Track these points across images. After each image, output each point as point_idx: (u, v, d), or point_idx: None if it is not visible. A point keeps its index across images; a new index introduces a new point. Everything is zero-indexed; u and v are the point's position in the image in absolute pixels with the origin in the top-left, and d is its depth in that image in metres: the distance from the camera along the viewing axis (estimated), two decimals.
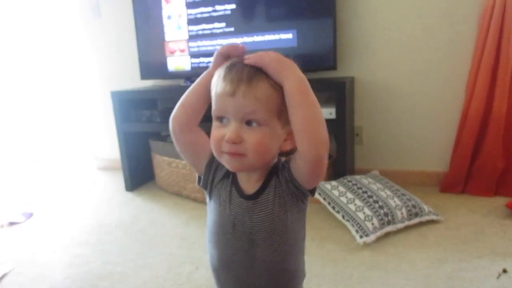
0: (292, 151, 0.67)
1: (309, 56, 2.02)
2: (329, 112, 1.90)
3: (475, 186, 2.00)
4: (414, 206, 1.71)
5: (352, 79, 2.15)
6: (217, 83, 0.64)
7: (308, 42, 2.00)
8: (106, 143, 2.88)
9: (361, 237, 1.58)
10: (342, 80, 1.92)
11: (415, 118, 2.13)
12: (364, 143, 2.26)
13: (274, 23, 2.04)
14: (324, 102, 2.03)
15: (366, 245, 1.57)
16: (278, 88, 0.61)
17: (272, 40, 2.05)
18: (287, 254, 0.71)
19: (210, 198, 0.75)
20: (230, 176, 0.71)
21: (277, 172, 0.68)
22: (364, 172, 2.10)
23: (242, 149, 0.61)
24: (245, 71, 0.61)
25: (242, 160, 0.63)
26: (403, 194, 1.78)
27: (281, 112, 0.62)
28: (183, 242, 1.74)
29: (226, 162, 0.65)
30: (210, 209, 0.76)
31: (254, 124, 0.61)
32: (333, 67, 2.00)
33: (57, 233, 1.93)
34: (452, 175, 2.04)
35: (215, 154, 0.67)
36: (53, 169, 3.13)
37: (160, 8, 2.24)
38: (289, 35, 2.01)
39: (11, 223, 2.07)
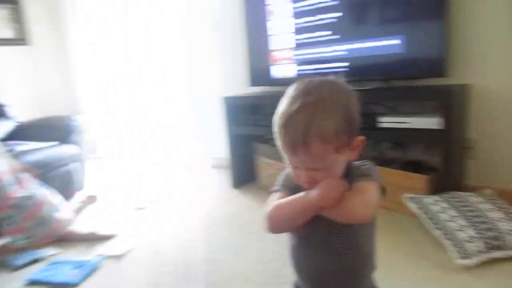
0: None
1: (417, 62, 1.93)
2: (435, 123, 1.79)
3: None
4: None
5: (466, 87, 1.98)
6: (278, 137, 0.72)
7: (417, 48, 1.91)
8: (219, 144, 3.17)
9: (462, 258, 1.47)
10: (450, 88, 1.79)
11: None
12: (479, 158, 2.05)
13: (380, 29, 2.01)
14: (430, 111, 1.92)
15: (465, 268, 1.45)
16: (330, 138, 0.68)
17: (378, 46, 2.02)
18: (362, 240, 0.80)
19: None
20: None
21: (350, 174, 0.77)
22: (477, 189, 1.92)
23: (316, 185, 0.72)
24: (299, 130, 0.67)
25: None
26: None
27: (339, 148, 0.70)
28: (277, 239, 1.84)
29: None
30: None
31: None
32: (444, 74, 1.88)
33: (174, 220, 2.22)
34: None
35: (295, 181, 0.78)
36: (176, 166, 3.56)
37: (266, 19, 2.39)
38: (397, 41, 1.96)
39: (138, 209, 2.46)
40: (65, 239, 2.01)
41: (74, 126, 2.78)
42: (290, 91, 0.73)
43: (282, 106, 0.72)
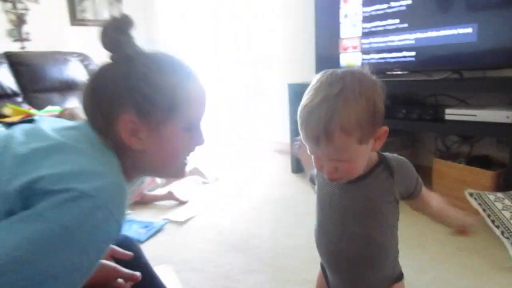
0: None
1: (490, 52, 1.81)
2: (506, 116, 1.69)
3: None
4: None
5: None
6: (300, 129, 0.74)
7: (490, 37, 1.79)
8: (281, 129, 3.26)
9: None
10: None
11: None
12: None
13: (451, 17, 1.91)
14: (498, 104, 1.80)
15: None
16: (353, 130, 0.67)
17: (448, 35, 1.93)
18: (377, 229, 0.79)
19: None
20: None
21: (388, 167, 0.78)
22: None
23: (338, 175, 0.74)
24: (321, 122, 0.67)
25: (339, 181, 0.77)
26: None
27: (362, 139, 0.69)
28: None
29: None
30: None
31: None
32: None
33: (235, 197, 2.37)
34: None
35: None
36: (242, 148, 3.74)
37: (338, 7, 2.40)
38: (469, 30, 1.85)
39: (204, 182, 2.66)
40: (147, 200, 2.31)
41: None
42: (313, 82, 0.73)
43: (305, 98, 0.72)
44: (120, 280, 0.80)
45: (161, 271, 1.54)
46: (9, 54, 3.03)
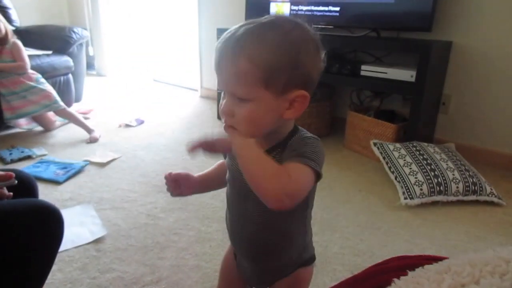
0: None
1: (405, 15, 1.96)
2: (410, 75, 1.87)
3: None
4: (474, 184, 1.67)
5: (449, 44, 2.03)
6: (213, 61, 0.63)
7: (406, 0, 1.93)
8: (209, 75, 3.25)
9: (405, 198, 1.64)
10: (429, 43, 1.85)
11: (511, 96, 1.95)
12: (450, 114, 2.16)
13: None
14: (408, 64, 1.99)
15: (408, 207, 1.62)
16: (260, 64, 0.58)
17: None
18: (278, 216, 0.68)
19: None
20: None
21: (284, 147, 0.66)
22: (443, 142, 2.05)
23: (234, 123, 0.62)
24: (229, 46, 0.59)
25: (234, 133, 0.62)
26: (466, 170, 1.73)
27: (269, 82, 0.59)
28: None
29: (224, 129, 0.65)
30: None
31: (244, 100, 0.60)
32: (428, 29, 1.92)
33: (156, 139, 2.37)
34: None
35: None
36: (167, 90, 3.66)
37: None
38: None
39: (127, 125, 2.60)
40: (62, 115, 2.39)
41: (73, 37, 2.83)
42: None
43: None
44: None
45: (80, 210, 1.55)
46: None
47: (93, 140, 2.28)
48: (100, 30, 4.06)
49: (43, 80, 2.37)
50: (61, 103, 2.36)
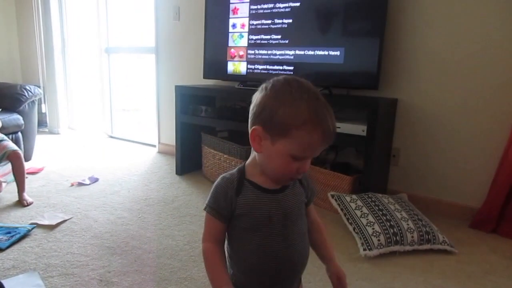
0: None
1: (354, 74, 2.12)
2: (362, 129, 1.98)
3: (507, 228, 1.92)
4: (427, 233, 1.73)
5: (394, 101, 2.20)
6: (309, 131, 0.70)
7: (354, 61, 2.10)
8: (168, 131, 3.25)
9: (364, 249, 1.66)
10: (377, 100, 1.99)
11: (456, 148, 2.11)
12: (400, 165, 2.28)
13: (324, 40, 2.18)
14: (360, 119, 2.11)
15: (367, 258, 1.64)
16: None
17: (321, 55, 2.19)
18: (305, 226, 0.87)
19: (238, 220, 0.81)
20: (249, 187, 0.80)
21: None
22: (396, 193, 2.14)
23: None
24: (334, 121, 0.73)
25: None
26: (419, 219, 1.80)
27: None
28: None
29: (286, 182, 0.81)
30: (240, 230, 0.82)
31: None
32: (376, 87, 2.08)
33: (111, 198, 2.28)
34: (484, 212, 1.98)
35: (280, 178, 0.79)
36: (123, 146, 3.59)
37: (228, 17, 2.51)
38: (337, 52, 2.14)
39: (80, 184, 2.49)
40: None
41: (25, 95, 2.76)
42: (293, 88, 0.73)
43: (302, 101, 0.71)
44: None
45: (24, 279, 1.42)
46: None
47: (24, 204, 2.14)
48: (55, 87, 4.00)
49: (3, 136, 2.27)
50: (14, 146, 2.23)
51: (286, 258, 0.82)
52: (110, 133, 3.95)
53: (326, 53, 2.17)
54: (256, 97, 0.78)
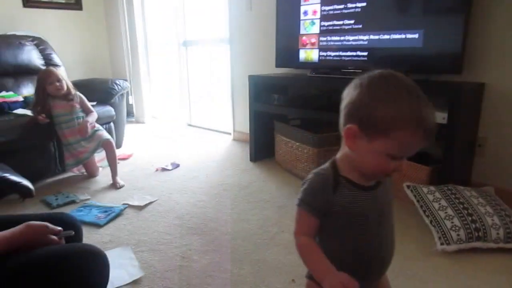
0: None
1: (434, 58, 2.00)
2: (442, 117, 1.87)
3: None
4: None
5: (481, 86, 2.03)
6: (417, 132, 0.69)
7: (434, 43, 1.97)
8: (242, 119, 3.36)
9: (441, 244, 1.59)
10: (459, 86, 1.86)
11: None
12: (487, 156, 2.11)
13: (400, 22, 2.07)
14: (440, 106, 1.99)
15: (444, 253, 1.57)
16: None
17: (397, 39, 2.09)
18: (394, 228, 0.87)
19: (332, 218, 0.80)
20: (345, 185, 0.79)
21: None
22: (480, 186, 1.99)
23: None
24: (433, 118, 0.71)
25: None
26: (507, 215, 1.67)
27: None
28: (279, 210, 2.03)
29: (381, 179, 0.81)
30: (334, 227, 0.81)
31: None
32: (459, 71, 1.94)
33: (191, 183, 2.45)
34: None
35: (375, 175, 0.78)
36: (201, 134, 3.80)
37: (299, 5, 2.50)
38: (415, 35, 2.02)
39: (163, 169, 2.71)
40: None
41: (115, 89, 3.05)
42: (391, 85, 0.71)
43: (403, 100, 0.69)
44: (52, 236, 0.86)
45: (119, 252, 1.61)
46: None
47: (116, 186, 2.39)
48: (140, 80, 4.34)
49: (99, 126, 2.57)
50: (107, 135, 2.52)
51: (378, 255, 0.83)
52: (189, 122, 4.20)
53: (403, 36, 2.07)
54: (350, 94, 0.75)
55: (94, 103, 2.77)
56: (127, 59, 4.36)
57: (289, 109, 2.55)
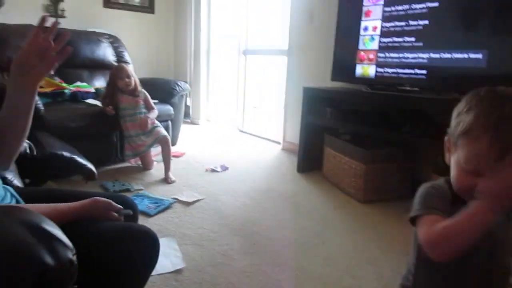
0: None
1: (498, 80, 1.91)
2: None
3: None
4: None
5: None
6: (490, 138, 0.63)
7: (499, 64, 1.89)
8: (292, 129, 3.40)
9: None
10: None
11: None
12: None
13: (464, 42, 2.01)
14: None
15: None
16: None
17: (459, 58, 2.02)
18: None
19: None
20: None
21: None
22: None
23: None
24: None
25: None
26: None
27: None
28: (322, 222, 2.03)
29: (467, 197, 0.67)
30: None
31: None
32: None
33: (237, 186, 2.53)
34: None
35: (461, 193, 0.70)
36: (251, 140, 3.89)
37: (360, 20, 2.51)
38: (479, 55, 1.95)
39: (213, 170, 2.81)
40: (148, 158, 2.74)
41: (177, 89, 3.24)
42: (485, 97, 0.69)
43: (485, 108, 0.66)
44: (114, 213, 0.95)
45: (165, 242, 1.71)
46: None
47: (168, 181, 2.52)
48: (199, 83, 4.54)
49: (158, 123, 2.74)
50: (165, 132, 2.68)
51: (486, 273, 0.73)
52: (241, 128, 4.31)
53: (466, 56, 2.00)
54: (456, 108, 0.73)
55: (156, 101, 2.96)
56: (189, 63, 4.59)
57: (341, 123, 2.55)
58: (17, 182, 1.23)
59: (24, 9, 3.28)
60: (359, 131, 2.44)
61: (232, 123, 4.44)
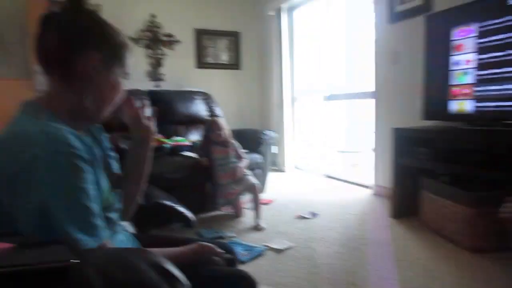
0: None
1: None
2: None
3: None
4: None
5: None
6: None
7: None
8: (382, 172, 3.24)
9: None
10: None
11: None
12: None
13: None
14: None
15: None
16: None
17: None
18: None
19: None
20: None
21: None
22: None
23: None
24: None
25: None
26: None
27: None
28: (426, 273, 1.86)
29: None
30: None
31: None
32: None
33: (329, 233, 2.45)
34: None
35: None
36: (339, 186, 3.79)
37: (449, 56, 2.39)
38: None
39: (302, 217, 2.79)
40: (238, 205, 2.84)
41: (263, 139, 3.37)
42: None
43: None
44: (216, 258, 1.02)
45: None
46: (150, 92, 3.66)
47: (258, 228, 2.54)
48: (283, 131, 4.66)
49: (248, 171, 2.86)
50: (254, 180, 2.76)
51: None
52: (328, 173, 4.25)
53: None
54: None
55: (247, 150, 3.09)
56: (275, 112, 4.77)
57: (438, 164, 2.37)
58: (130, 229, 1.36)
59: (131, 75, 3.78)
60: (460, 171, 2.24)
61: (319, 169, 4.40)
